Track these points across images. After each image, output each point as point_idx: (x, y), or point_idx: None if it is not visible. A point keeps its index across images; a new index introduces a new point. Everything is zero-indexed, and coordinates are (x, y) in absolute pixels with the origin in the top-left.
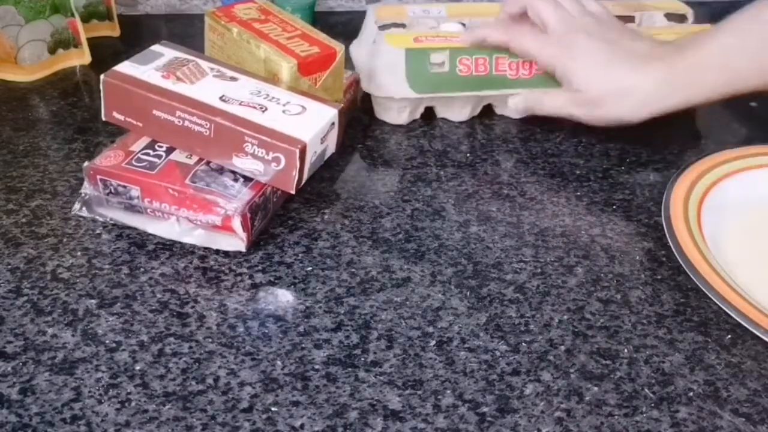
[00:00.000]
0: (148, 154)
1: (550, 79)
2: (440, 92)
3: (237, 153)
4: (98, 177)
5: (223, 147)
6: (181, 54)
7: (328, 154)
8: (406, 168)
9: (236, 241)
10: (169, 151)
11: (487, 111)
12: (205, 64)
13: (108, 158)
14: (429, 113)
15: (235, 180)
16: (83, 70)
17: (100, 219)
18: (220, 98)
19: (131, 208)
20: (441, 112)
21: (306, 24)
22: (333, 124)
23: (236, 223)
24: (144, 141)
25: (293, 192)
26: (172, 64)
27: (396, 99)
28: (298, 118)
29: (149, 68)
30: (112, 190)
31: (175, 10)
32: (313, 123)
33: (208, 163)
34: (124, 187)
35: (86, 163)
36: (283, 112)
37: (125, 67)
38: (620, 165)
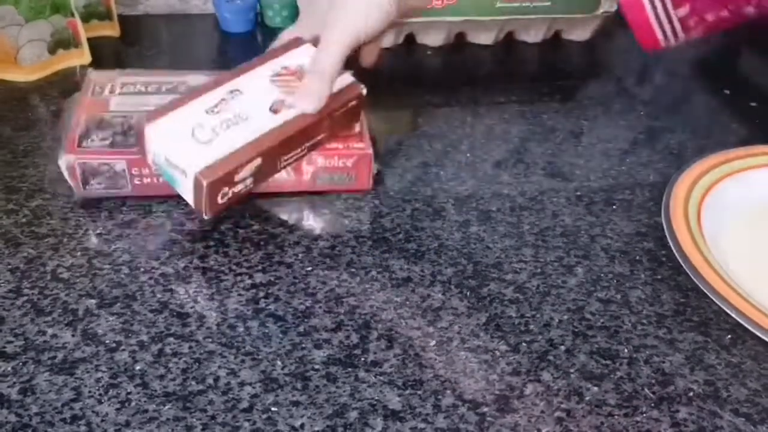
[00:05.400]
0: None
1: None
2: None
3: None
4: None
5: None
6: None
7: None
8: (406, 167)
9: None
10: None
11: (489, 110)
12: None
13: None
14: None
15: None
16: (83, 70)
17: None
18: (271, 111)
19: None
20: (420, 38)
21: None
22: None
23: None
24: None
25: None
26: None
27: None
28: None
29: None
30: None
31: (175, 10)
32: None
33: None
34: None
35: (66, 158)
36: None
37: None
38: (620, 165)
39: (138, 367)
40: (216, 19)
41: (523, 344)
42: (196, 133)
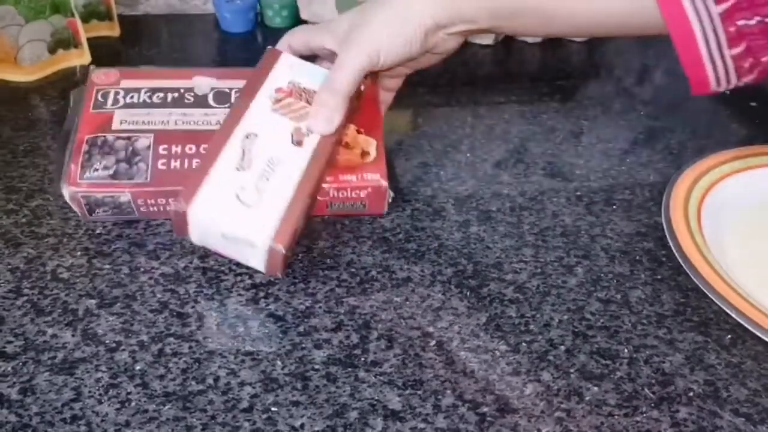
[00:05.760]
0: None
1: None
2: None
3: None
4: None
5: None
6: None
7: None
8: (406, 167)
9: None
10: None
11: (489, 110)
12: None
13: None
14: None
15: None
16: (83, 70)
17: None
18: (294, 143)
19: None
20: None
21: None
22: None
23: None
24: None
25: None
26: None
27: None
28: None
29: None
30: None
31: (175, 10)
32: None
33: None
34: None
35: (69, 189)
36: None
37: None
38: (620, 165)
39: (138, 367)
40: (216, 19)
41: (523, 344)
42: (241, 198)
